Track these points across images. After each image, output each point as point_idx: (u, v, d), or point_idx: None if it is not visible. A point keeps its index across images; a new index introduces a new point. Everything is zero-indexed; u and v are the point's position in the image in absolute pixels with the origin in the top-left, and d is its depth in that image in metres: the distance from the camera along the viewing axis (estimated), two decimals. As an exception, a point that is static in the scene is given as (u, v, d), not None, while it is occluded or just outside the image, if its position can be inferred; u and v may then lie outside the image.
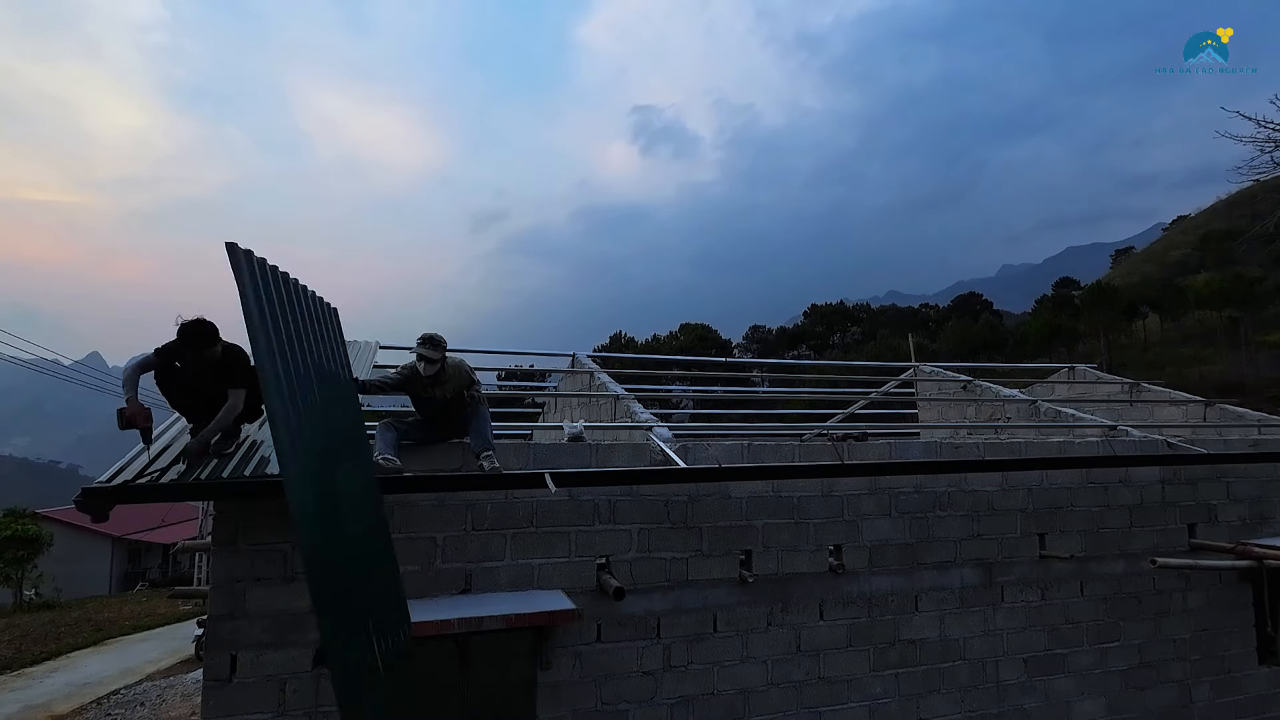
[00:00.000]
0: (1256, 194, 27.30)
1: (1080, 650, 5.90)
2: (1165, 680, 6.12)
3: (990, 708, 5.57)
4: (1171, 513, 6.38)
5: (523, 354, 12.24)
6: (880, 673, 5.33)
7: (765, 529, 5.20)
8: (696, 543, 5.01)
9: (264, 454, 4.18)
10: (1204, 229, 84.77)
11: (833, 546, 5.37)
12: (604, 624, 4.72)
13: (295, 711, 4.00)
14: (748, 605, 5.07)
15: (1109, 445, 6.51)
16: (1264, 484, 6.76)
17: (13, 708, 11.06)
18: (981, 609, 5.68)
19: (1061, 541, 5.94)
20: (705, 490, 5.07)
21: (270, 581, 4.07)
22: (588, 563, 4.73)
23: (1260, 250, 62.28)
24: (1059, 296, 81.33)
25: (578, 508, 4.77)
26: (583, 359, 8.72)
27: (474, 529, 4.52)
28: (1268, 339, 57.74)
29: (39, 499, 45.39)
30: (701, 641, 4.92)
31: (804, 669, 5.13)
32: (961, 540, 5.71)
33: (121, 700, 11.36)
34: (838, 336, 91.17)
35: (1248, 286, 58.99)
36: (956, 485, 5.76)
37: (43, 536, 24.27)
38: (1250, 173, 12.08)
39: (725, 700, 4.92)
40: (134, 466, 3.91)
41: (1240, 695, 6.31)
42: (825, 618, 5.25)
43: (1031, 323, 74.52)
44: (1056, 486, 6.04)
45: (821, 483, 5.36)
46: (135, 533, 36.52)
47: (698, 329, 69.19)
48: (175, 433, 4.52)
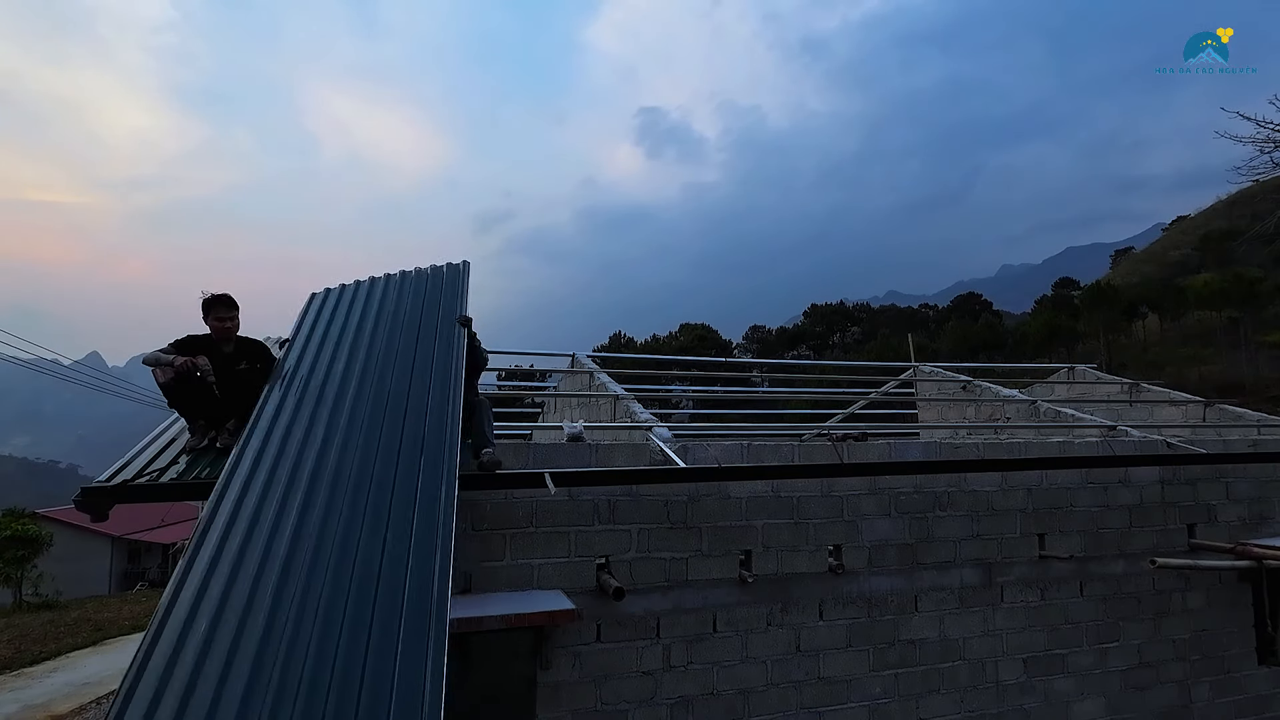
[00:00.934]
0: (1256, 194, 27.34)
1: (1080, 650, 5.90)
2: (1165, 680, 6.12)
3: (990, 708, 5.58)
4: (1171, 513, 6.38)
5: (522, 354, 12.22)
6: (880, 673, 5.33)
7: (765, 529, 5.20)
8: (696, 543, 5.02)
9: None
10: (1204, 229, 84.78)
11: (832, 546, 5.38)
12: (604, 624, 4.72)
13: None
14: (747, 605, 5.07)
15: (1108, 445, 6.51)
16: (1263, 484, 6.76)
17: (12, 707, 11.06)
18: (981, 609, 5.68)
19: (1061, 541, 5.95)
20: (705, 490, 5.07)
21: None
22: (587, 563, 4.74)
23: (1260, 250, 62.29)
24: (1059, 297, 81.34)
25: (577, 508, 4.77)
26: (582, 359, 8.72)
27: (473, 529, 4.53)
28: (1267, 339, 57.73)
29: (39, 499, 45.41)
30: (701, 641, 4.93)
31: (804, 669, 5.14)
32: (961, 540, 5.71)
33: (121, 700, 11.36)
34: (837, 336, 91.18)
35: (1248, 286, 58.99)
36: (956, 485, 5.76)
37: (42, 536, 24.24)
38: (1250, 173, 12.08)
39: (725, 700, 4.92)
40: (134, 466, 3.92)
41: (1240, 695, 6.32)
42: (825, 618, 5.25)
43: (1031, 323, 74.54)
44: (1056, 486, 6.05)
45: (821, 483, 5.36)
46: (135, 532, 36.52)
47: (697, 329, 69.19)
48: (175, 432, 4.52)
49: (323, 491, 3.41)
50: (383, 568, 3.07)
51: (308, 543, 3.14)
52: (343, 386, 4.22)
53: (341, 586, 2.97)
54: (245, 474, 3.52)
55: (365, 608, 2.89)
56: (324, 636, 2.76)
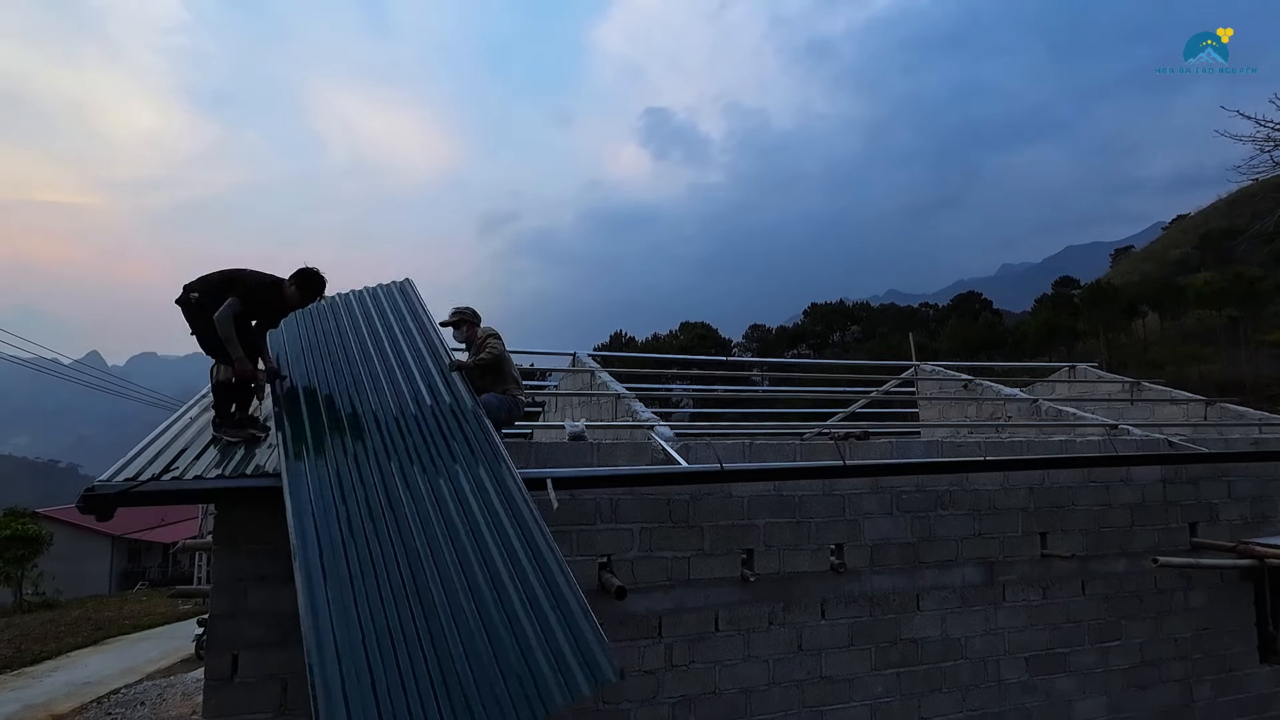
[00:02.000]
0: (1256, 193, 27.31)
1: (1081, 649, 5.90)
2: (1166, 679, 6.12)
3: (992, 707, 5.57)
4: (1173, 511, 6.37)
5: (523, 353, 12.19)
6: (882, 672, 5.33)
7: (767, 528, 5.20)
8: (698, 542, 5.01)
9: (258, 452, 4.18)
10: (1204, 228, 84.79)
11: (834, 545, 5.37)
12: (605, 623, 4.67)
13: (296, 711, 3.99)
14: (749, 604, 5.07)
15: (1110, 444, 6.51)
16: (1265, 483, 6.76)
17: (13, 707, 11.06)
18: (983, 608, 5.68)
19: (1063, 540, 5.94)
20: (707, 489, 5.06)
21: (272, 580, 4.05)
22: (589, 562, 4.73)
23: (1260, 249, 62.28)
24: (1059, 296, 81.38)
25: (579, 507, 4.77)
26: (583, 358, 8.71)
27: (475, 528, 4.52)
28: (1268, 338, 57.76)
29: (39, 499, 45.41)
30: (703, 640, 4.92)
31: (805, 668, 5.13)
32: (963, 539, 5.70)
33: (122, 700, 11.36)
34: (838, 335, 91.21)
35: (1247, 285, 59.03)
36: (958, 484, 5.76)
37: (43, 536, 24.26)
38: (1250, 171, 12.06)
39: (727, 699, 4.92)
40: (134, 466, 3.91)
41: (1241, 694, 6.32)
42: (827, 617, 5.25)
43: (1031, 322, 74.57)
44: (1058, 485, 6.04)
45: (823, 482, 5.36)
46: (135, 532, 36.52)
47: (698, 328, 69.20)
48: (177, 431, 4.51)
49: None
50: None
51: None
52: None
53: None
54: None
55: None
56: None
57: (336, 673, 2.87)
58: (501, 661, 3.01)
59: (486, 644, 3.06)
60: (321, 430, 4.17)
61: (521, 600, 3.28)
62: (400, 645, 2.99)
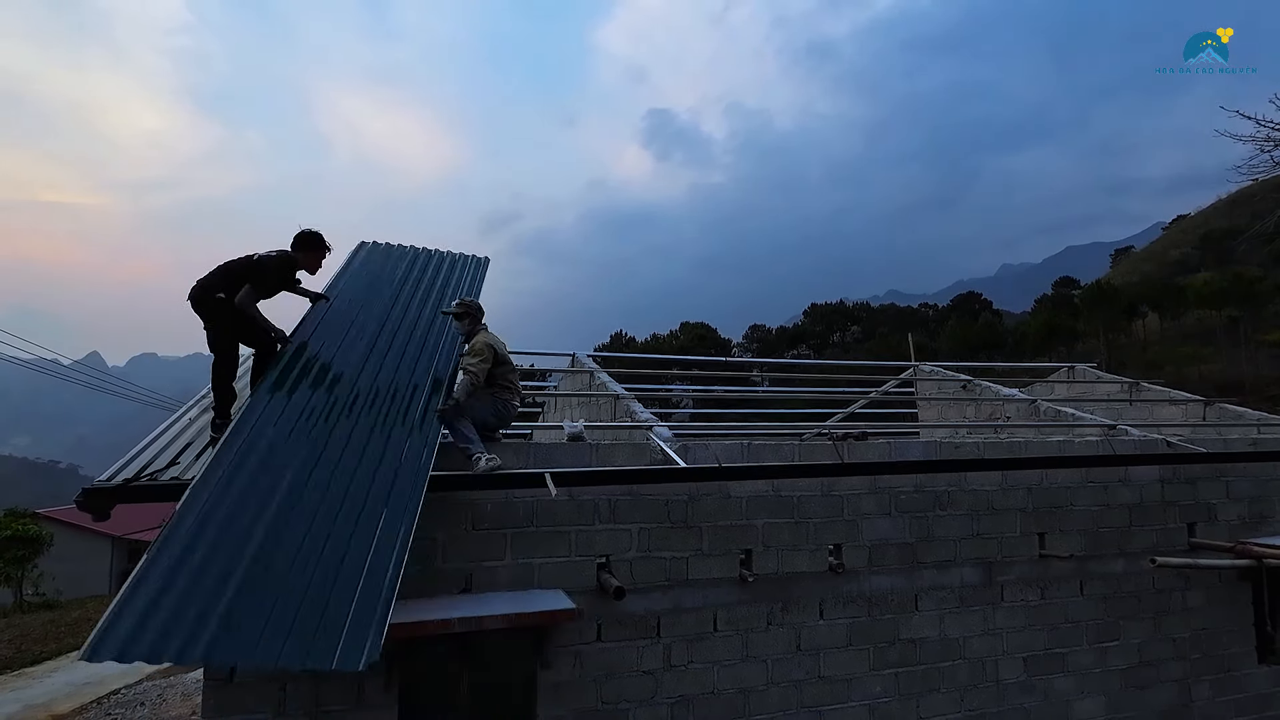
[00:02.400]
0: (1256, 193, 27.32)
1: (1080, 649, 5.91)
2: (1165, 679, 6.12)
3: (990, 707, 5.58)
4: (1171, 512, 6.38)
5: (523, 353, 12.20)
6: (880, 672, 5.33)
7: (765, 528, 5.20)
8: (697, 542, 5.02)
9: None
10: (1204, 228, 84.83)
11: (832, 546, 5.38)
12: (604, 623, 4.72)
13: (295, 712, 4.00)
14: (748, 604, 5.07)
15: (1109, 444, 6.51)
16: (1263, 483, 6.77)
17: (13, 707, 11.06)
18: (981, 608, 5.69)
19: (1061, 541, 5.95)
20: (705, 489, 5.07)
21: (271, 581, 4.06)
22: (588, 562, 4.74)
23: (1260, 249, 62.30)
24: (1059, 296, 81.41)
25: (578, 507, 4.77)
26: (583, 358, 8.71)
27: (474, 528, 4.53)
28: (1267, 338, 57.77)
29: (39, 499, 45.39)
30: (702, 641, 4.93)
31: (804, 668, 5.14)
32: (961, 539, 5.71)
33: (122, 700, 11.36)
34: (837, 336, 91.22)
35: (1247, 286, 59.04)
36: (956, 484, 5.77)
37: (43, 536, 24.24)
38: (1250, 171, 12.05)
39: (725, 699, 4.92)
40: (134, 465, 3.92)
41: (1240, 694, 6.32)
42: (825, 617, 5.26)
43: (1031, 322, 74.58)
44: (1056, 486, 6.05)
45: (821, 482, 5.37)
46: (135, 532, 36.45)
47: (698, 328, 69.22)
48: (177, 430, 4.52)
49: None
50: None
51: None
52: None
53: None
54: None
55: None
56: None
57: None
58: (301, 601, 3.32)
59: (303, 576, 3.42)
60: (286, 381, 4.70)
61: (350, 556, 3.57)
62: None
